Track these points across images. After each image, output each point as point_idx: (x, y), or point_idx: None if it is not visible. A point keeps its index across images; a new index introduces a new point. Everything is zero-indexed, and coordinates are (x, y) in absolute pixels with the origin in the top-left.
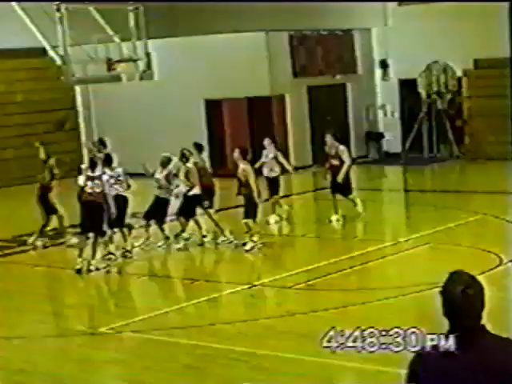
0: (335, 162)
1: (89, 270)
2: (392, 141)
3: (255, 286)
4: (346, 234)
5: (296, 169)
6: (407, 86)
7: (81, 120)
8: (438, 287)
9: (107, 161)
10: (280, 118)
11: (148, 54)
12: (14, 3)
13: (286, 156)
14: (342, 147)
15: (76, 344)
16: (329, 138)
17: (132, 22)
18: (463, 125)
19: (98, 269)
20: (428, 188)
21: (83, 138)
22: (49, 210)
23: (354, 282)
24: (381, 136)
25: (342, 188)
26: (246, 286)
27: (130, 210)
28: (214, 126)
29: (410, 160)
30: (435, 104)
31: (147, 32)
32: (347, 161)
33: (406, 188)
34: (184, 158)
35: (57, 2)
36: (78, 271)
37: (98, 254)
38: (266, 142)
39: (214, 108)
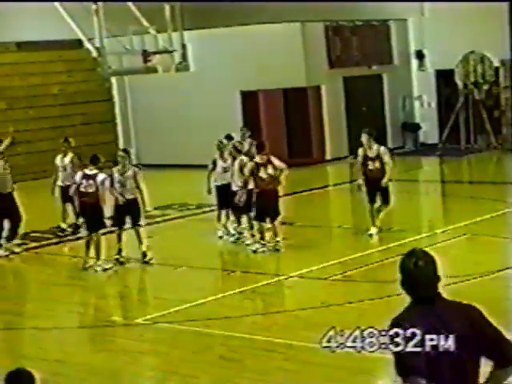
0: (375, 165)
1: (94, 271)
2: (428, 131)
3: (291, 277)
4: (382, 225)
5: (332, 160)
6: (444, 77)
7: (117, 112)
8: (474, 278)
9: (114, 162)
10: (316, 109)
11: (184, 46)
12: None
13: (323, 147)
14: (383, 148)
15: (112, 335)
16: (365, 138)
17: (168, 14)
18: (500, 115)
19: (105, 269)
20: (465, 179)
21: (119, 129)
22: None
23: (390, 273)
24: (417, 127)
25: (385, 194)
26: (282, 277)
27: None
28: (250, 118)
29: (447, 151)
30: (472, 94)
31: (183, 23)
32: (391, 163)
33: (442, 179)
34: (236, 150)
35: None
36: (85, 268)
37: (103, 255)
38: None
39: (249, 99)
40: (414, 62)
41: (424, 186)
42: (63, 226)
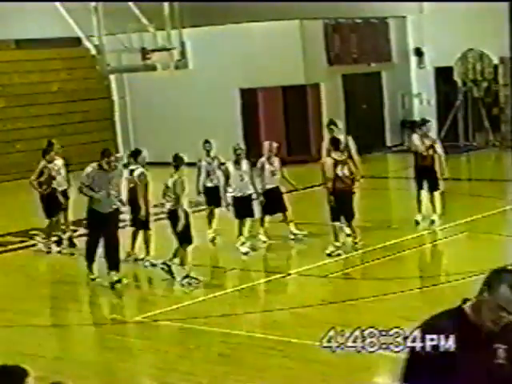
0: (430, 152)
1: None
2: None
3: (290, 274)
4: (381, 223)
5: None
6: (443, 74)
7: (116, 110)
8: (475, 276)
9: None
10: (315, 107)
11: (183, 43)
12: None
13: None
14: (416, 139)
15: (112, 332)
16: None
17: (166, 12)
18: (500, 113)
19: (153, 265)
20: (464, 176)
21: (118, 127)
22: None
23: (391, 271)
24: (416, 124)
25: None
26: (282, 275)
27: None
28: (249, 115)
29: (446, 148)
30: (471, 92)
31: (181, 21)
32: (442, 153)
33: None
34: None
35: None
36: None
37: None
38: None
39: (248, 97)
40: (413, 60)
41: None
42: (64, 236)
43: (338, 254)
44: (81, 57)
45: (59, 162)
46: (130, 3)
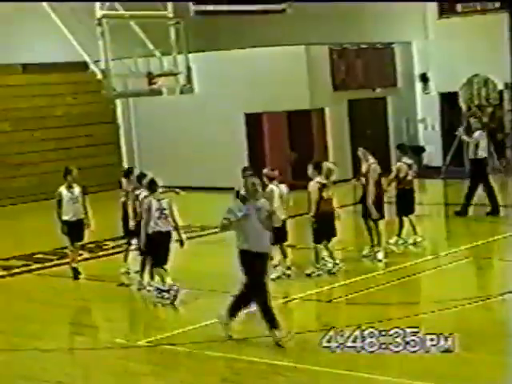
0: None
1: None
2: (432, 154)
3: (295, 299)
4: (385, 248)
5: (335, 182)
6: (448, 100)
7: (121, 134)
8: (478, 302)
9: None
10: (320, 132)
11: (189, 68)
12: (54, 16)
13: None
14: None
15: (114, 356)
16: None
17: (173, 37)
18: (504, 138)
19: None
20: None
21: (124, 151)
22: None
23: (394, 296)
24: (421, 149)
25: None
26: (286, 299)
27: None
28: (254, 140)
29: (451, 173)
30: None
31: (187, 46)
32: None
33: (446, 201)
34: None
35: (98, 17)
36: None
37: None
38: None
39: (253, 121)
40: (418, 85)
41: (427, 208)
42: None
43: (319, 275)
44: (87, 81)
45: (77, 189)
46: (137, 28)
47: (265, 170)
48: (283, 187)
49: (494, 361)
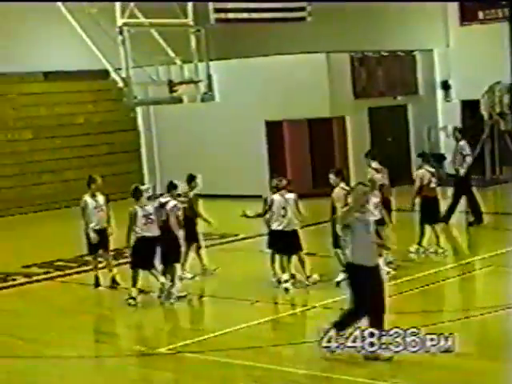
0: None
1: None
2: None
3: (315, 307)
4: (405, 256)
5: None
6: (469, 107)
7: (142, 141)
8: (500, 310)
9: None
10: (340, 140)
11: (209, 76)
12: (75, 24)
13: (347, 178)
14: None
15: (134, 364)
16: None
17: (193, 44)
18: None
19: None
20: (490, 210)
21: (144, 158)
22: None
23: (416, 304)
24: (442, 157)
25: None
26: (306, 308)
27: None
28: (275, 148)
29: (472, 182)
30: (498, 125)
31: (208, 54)
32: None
33: (467, 210)
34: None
35: (119, 25)
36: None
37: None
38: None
39: (274, 129)
40: (440, 93)
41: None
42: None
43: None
44: (108, 89)
45: (101, 198)
46: (158, 36)
47: (274, 180)
48: (291, 196)
49: None
